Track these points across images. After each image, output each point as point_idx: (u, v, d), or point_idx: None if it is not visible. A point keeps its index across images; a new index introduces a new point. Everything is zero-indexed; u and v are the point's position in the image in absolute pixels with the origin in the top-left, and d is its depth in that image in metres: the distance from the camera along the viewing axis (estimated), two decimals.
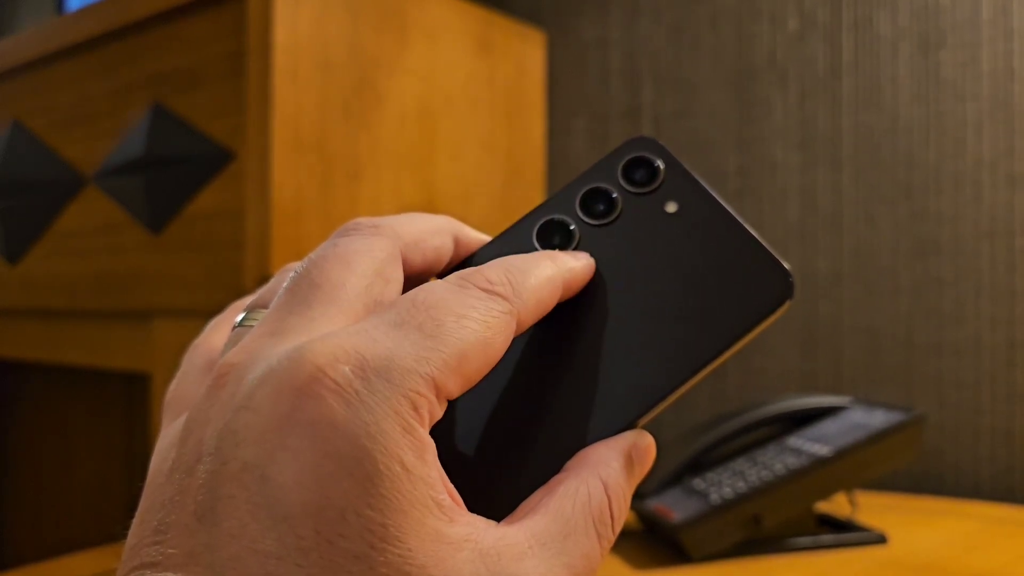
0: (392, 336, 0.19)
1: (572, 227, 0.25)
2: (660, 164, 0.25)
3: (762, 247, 0.24)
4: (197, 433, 0.19)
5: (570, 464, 0.22)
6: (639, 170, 0.25)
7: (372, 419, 0.18)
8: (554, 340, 0.24)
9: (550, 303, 0.23)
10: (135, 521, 0.20)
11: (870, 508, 0.69)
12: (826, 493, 0.59)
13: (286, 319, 0.21)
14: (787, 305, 0.23)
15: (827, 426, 0.63)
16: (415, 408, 0.19)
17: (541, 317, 0.23)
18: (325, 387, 0.18)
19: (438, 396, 0.19)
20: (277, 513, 0.17)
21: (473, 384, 0.20)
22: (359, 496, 0.17)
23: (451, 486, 0.19)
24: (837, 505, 0.67)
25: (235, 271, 0.78)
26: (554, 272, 0.23)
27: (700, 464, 0.63)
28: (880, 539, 0.60)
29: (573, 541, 0.20)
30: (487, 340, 0.20)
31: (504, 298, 0.21)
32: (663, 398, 0.22)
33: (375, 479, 0.18)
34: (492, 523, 0.20)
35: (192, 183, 0.82)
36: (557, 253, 0.24)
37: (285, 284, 0.22)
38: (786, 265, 0.23)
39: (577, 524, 0.20)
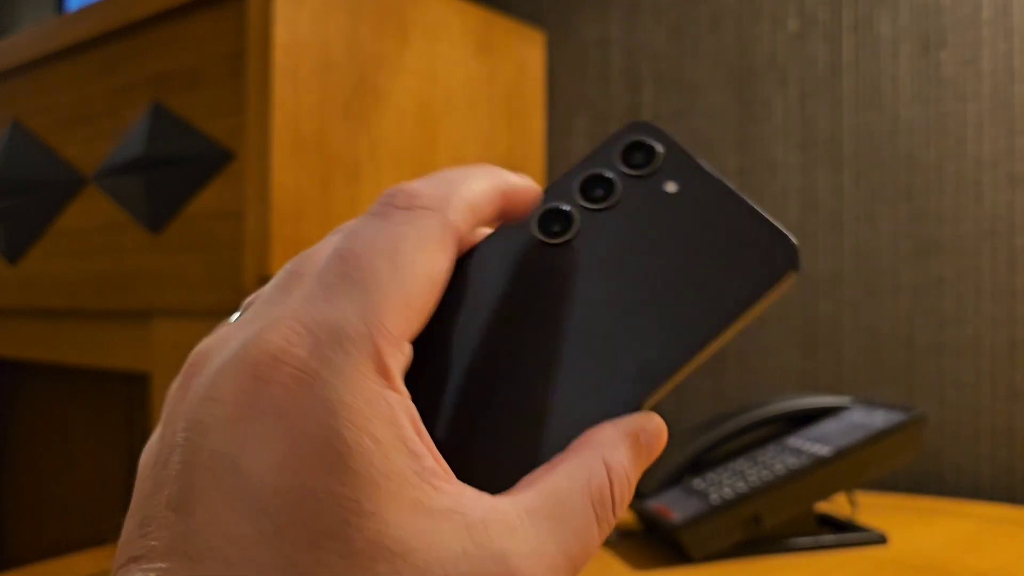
0: (333, 300, 0.19)
1: (571, 211, 0.24)
2: (658, 146, 0.25)
3: (764, 219, 0.23)
4: (170, 425, 0.19)
5: (575, 444, 0.21)
6: (637, 153, 0.25)
7: (335, 395, 0.18)
8: (557, 316, 0.23)
9: (487, 210, 0.22)
10: (126, 518, 0.20)
11: (870, 508, 0.69)
12: (826, 493, 0.59)
13: (266, 309, 0.20)
14: (792, 276, 0.23)
15: (827, 426, 0.63)
16: (377, 370, 0.18)
17: (481, 224, 0.22)
18: (282, 371, 0.18)
19: (398, 345, 0.19)
20: (251, 499, 0.17)
21: (430, 312, 0.20)
22: (330, 474, 0.17)
23: (435, 450, 0.19)
24: (837, 505, 0.67)
25: (235, 271, 0.79)
26: (488, 180, 0.22)
27: (700, 464, 0.63)
28: (880, 539, 0.60)
29: (569, 521, 0.19)
30: (428, 264, 0.20)
31: (431, 210, 0.20)
32: (670, 375, 0.22)
33: (344, 456, 0.17)
34: (482, 494, 0.19)
35: (192, 183, 0.83)
36: (494, 168, 0.23)
37: (276, 274, 0.22)
38: (790, 236, 0.23)
39: (575, 504, 0.20)
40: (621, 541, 0.62)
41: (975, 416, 0.79)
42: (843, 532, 0.61)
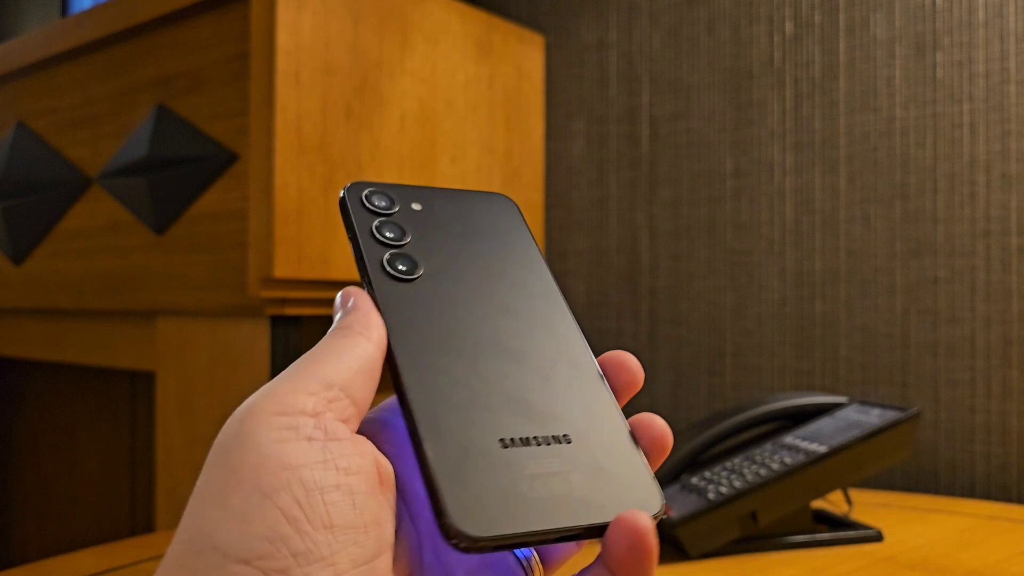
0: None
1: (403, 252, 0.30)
2: (379, 189, 0.31)
3: (464, 192, 0.32)
4: None
5: None
6: (378, 201, 0.31)
7: None
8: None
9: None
10: None
11: (866, 505, 0.70)
12: (822, 490, 0.59)
13: None
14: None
15: (823, 424, 0.64)
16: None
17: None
18: None
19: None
20: None
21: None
22: None
23: None
24: (833, 503, 0.68)
25: (238, 271, 0.79)
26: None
27: (697, 462, 0.64)
28: (876, 536, 0.60)
29: None
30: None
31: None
32: None
33: None
34: None
35: (196, 184, 0.83)
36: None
37: None
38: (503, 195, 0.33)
39: None
40: None
41: (969, 414, 0.80)
42: (839, 529, 0.61)
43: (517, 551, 0.26)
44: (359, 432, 0.25)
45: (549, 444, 0.25)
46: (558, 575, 0.28)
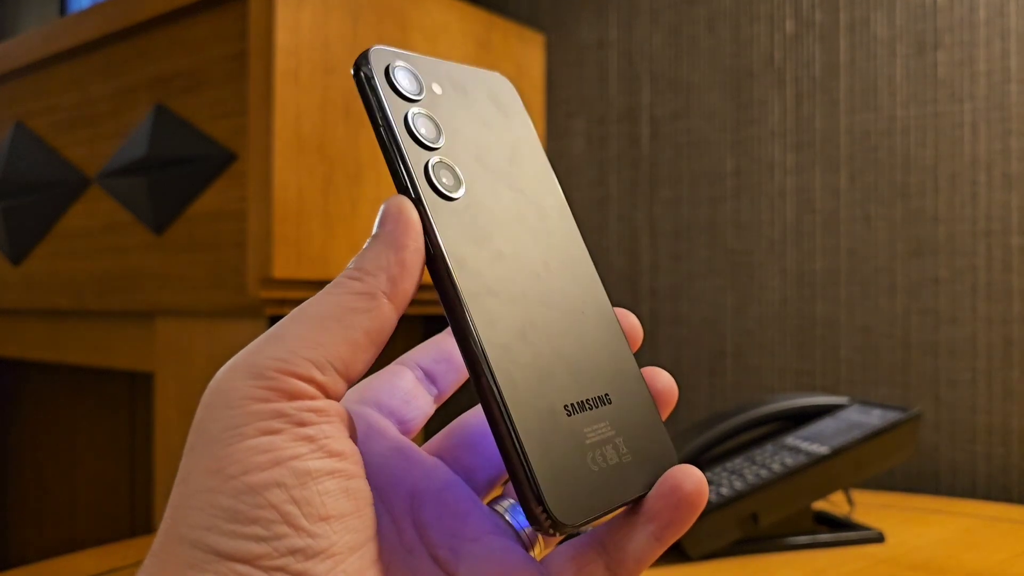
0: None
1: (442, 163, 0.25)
2: (405, 65, 0.26)
3: (468, 68, 0.28)
4: None
5: None
6: (404, 82, 0.26)
7: None
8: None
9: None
10: None
11: (867, 506, 0.70)
12: (823, 491, 0.59)
13: None
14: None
15: (824, 425, 0.63)
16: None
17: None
18: None
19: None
20: None
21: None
22: None
23: None
24: (834, 504, 0.68)
25: (237, 271, 0.79)
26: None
27: (698, 463, 0.63)
28: (877, 537, 0.60)
29: None
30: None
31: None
32: None
33: None
34: None
35: (194, 184, 0.83)
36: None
37: None
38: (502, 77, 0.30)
39: None
40: None
41: (971, 415, 0.79)
42: (840, 530, 0.61)
43: (515, 522, 0.26)
44: None
45: (597, 407, 0.25)
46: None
